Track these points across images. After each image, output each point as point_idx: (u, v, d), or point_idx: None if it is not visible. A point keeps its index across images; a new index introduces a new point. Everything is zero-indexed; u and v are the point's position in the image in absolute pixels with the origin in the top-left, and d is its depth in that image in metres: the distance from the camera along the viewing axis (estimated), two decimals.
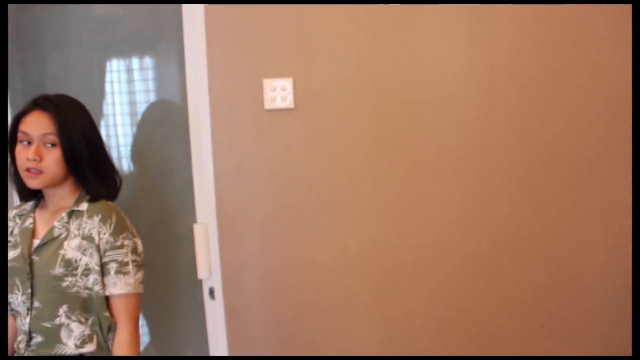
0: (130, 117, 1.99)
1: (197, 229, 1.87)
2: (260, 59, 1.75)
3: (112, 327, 1.47)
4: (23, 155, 1.41)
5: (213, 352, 1.96)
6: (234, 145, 1.79)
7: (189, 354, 2.08)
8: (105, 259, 1.45)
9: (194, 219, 1.90)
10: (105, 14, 1.93)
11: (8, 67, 1.94)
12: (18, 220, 1.53)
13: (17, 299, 1.43)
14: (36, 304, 1.41)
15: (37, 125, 1.41)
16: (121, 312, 1.47)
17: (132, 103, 1.99)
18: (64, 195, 1.49)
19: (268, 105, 1.76)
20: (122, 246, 1.47)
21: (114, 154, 2.01)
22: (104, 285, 1.44)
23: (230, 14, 1.74)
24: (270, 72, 1.75)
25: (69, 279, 1.41)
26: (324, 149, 1.78)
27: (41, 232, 1.48)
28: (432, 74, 1.75)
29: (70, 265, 1.41)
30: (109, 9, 1.92)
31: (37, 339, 1.42)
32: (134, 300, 1.49)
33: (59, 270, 1.40)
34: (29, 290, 1.41)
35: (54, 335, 1.42)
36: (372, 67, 1.74)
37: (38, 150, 1.40)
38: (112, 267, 1.45)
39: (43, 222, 1.50)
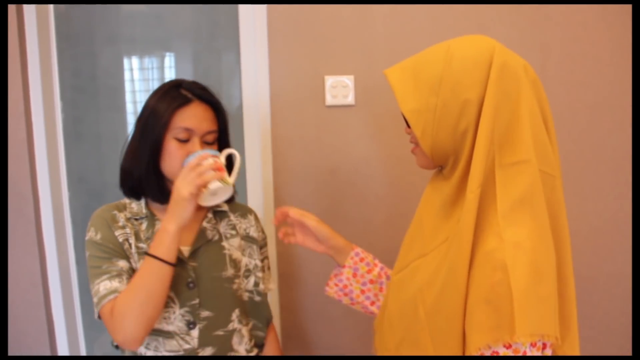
0: None
1: None
2: (322, 56, 1.79)
3: (268, 324, 1.44)
4: (183, 152, 1.22)
5: None
6: (294, 141, 1.82)
7: None
8: (261, 257, 1.43)
9: None
10: (161, 11, 1.94)
11: (58, 61, 1.93)
12: (136, 224, 1.28)
13: (173, 313, 1.23)
14: (206, 313, 1.26)
15: (202, 120, 1.25)
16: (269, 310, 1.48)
17: None
18: None
19: (329, 101, 1.79)
20: (267, 243, 1.49)
21: None
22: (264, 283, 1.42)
23: (292, 12, 1.77)
24: (332, 69, 1.79)
25: (237, 280, 1.33)
26: (383, 146, 1.82)
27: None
28: None
29: (236, 266, 1.33)
30: (165, 5, 1.93)
31: (206, 351, 1.26)
32: None
33: (230, 271, 1.31)
34: (196, 301, 1.25)
35: (226, 344, 1.29)
36: None
37: (203, 148, 1.24)
38: (266, 263, 1.47)
39: None
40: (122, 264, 1.21)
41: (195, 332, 1.25)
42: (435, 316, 0.95)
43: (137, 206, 1.31)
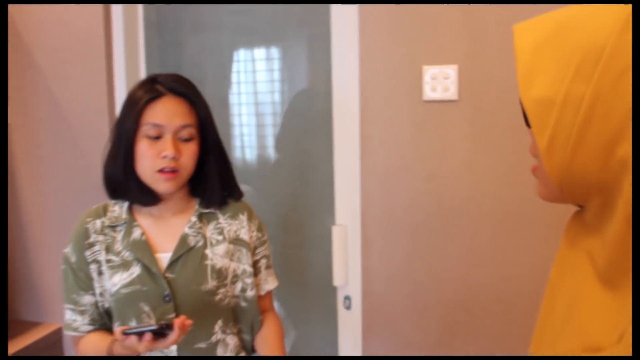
0: (271, 107, 1.86)
1: (336, 232, 1.71)
2: (420, 43, 1.56)
3: (258, 327, 1.35)
4: (154, 152, 1.15)
5: None
6: (386, 141, 1.61)
7: None
8: (256, 257, 1.34)
9: (332, 221, 1.74)
10: None
11: (146, 51, 1.89)
12: (112, 233, 1.22)
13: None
14: None
15: (174, 115, 1.16)
16: (270, 306, 1.40)
17: (271, 92, 1.86)
18: (181, 197, 1.27)
19: (427, 95, 1.55)
20: (266, 240, 1.37)
21: (240, 143, 1.90)
22: (256, 286, 1.33)
23: None
24: (432, 58, 1.55)
25: (222, 290, 1.24)
26: (491, 149, 1.54)
27: (161, 243, 1.23)
28: None
29: (221, 276, 1.24)
30: None
31: None
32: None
33: (212, 283, 1.22)
34: (172, 315, 1.17)
35: (209, 354, 1.24)
36: None
37: (177, 146, 1.16)
38: (263, 263, 1.36)
39: (157, 232, 1.24)
40: (87, 299, 1.22)
41: (173, 347, 1.19)
42: None
43: (119, 209, 1.25)
